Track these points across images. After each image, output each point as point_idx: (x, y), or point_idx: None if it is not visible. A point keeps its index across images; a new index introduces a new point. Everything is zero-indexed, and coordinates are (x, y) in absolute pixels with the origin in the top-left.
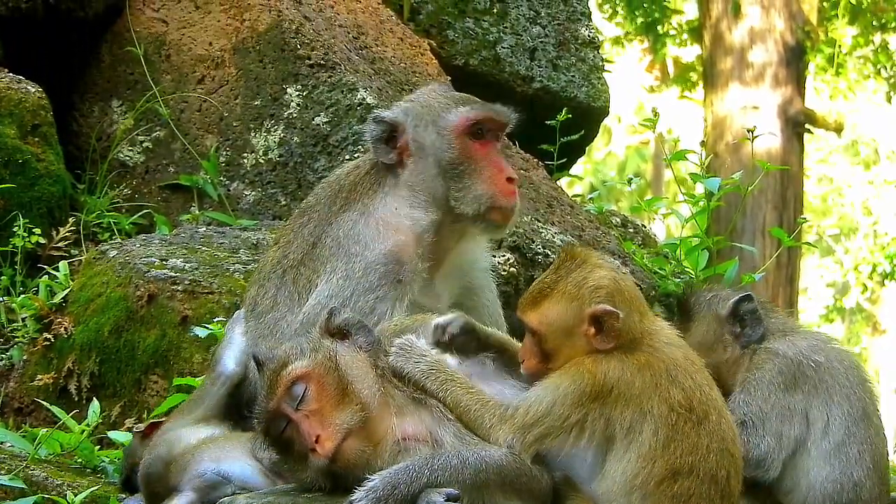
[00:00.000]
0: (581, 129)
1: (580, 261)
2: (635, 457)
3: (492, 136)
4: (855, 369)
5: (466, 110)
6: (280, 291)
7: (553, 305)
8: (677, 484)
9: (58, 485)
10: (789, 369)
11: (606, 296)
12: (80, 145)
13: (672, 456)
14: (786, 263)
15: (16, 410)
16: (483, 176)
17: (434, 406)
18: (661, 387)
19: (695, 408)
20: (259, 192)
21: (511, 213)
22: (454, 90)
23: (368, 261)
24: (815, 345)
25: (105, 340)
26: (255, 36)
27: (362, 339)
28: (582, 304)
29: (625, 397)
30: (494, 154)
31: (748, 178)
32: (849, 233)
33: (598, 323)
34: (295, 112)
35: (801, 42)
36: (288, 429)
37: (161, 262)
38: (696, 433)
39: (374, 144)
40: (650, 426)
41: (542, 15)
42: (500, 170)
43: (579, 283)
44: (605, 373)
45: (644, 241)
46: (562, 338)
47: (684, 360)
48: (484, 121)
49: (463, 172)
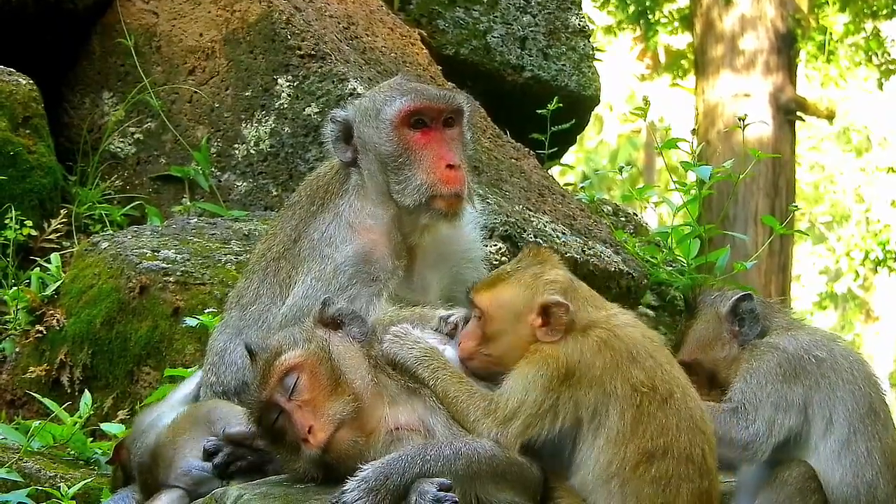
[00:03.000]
0: (572, 117)
1: (542, 259)
2: (604, 442)
3: (436, 124)
4: (860, 365)
5: (401, 101)
6: (263, 284)
7: (506, 289)
8: (654, 467)
9: (51, 476)
10: (790, 363)
11: (560, 289)
12: (71, 137)
13: (642, 439)
14: (778, 251)
15: (8, 403)
16: (422, 165)
17: (427, 395)
18: (622, 367)
19: (657, 387)
20: (250, 183)
21: (456, 200)
22: (412, 80)
23: (338, 262)
24: (818, 341)
25: (97, 332)
26: (246, 27)
27: (355, 330)
28: (535, 293)
29: (587, 378)
30: (436, 142)
31: (740, 165)
32: (841, 220)
33: (546, 314)
34: (286, 102)
35: (793, 29)
36: (280, 419)
37: (153, 253)
38: (662, 413)
39: (333, 144)
40: (615, 408)
41: (532, 4)
42: (439, 157)
43: (536, 275)
44: (566, 354)
45: (636, 229)
46: (507, 323)
47: (643, 339)
48: (421, 110)
49: (402, 164)
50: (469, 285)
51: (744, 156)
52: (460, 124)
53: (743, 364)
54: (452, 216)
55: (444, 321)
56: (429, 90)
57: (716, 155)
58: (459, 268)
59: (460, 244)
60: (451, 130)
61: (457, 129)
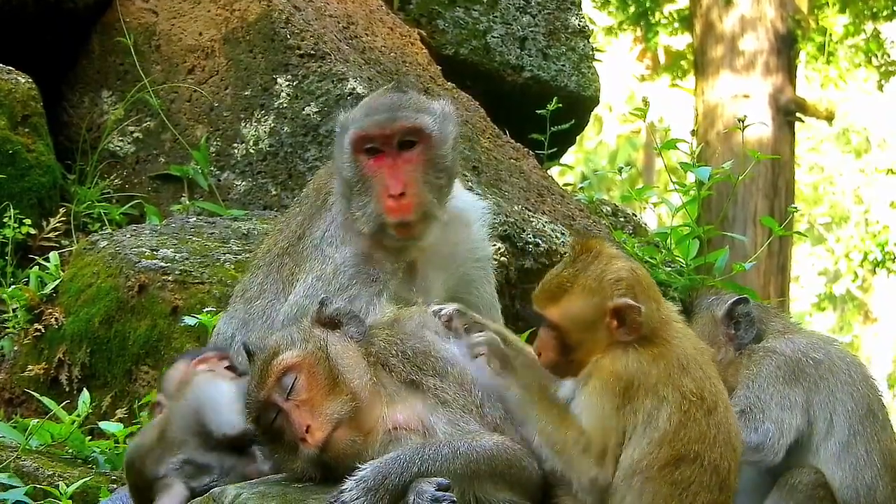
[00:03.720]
0: (571, 118)
1: (596, 252)
2: (647, 442)
3: (388, 149)
4: (857, 366)
5: (354, 127)
6: (268, 279)
7: (574, 300)
8: (679, 470)
9: (49, 475)
10: (788, 365)
11: (627, 288)
12: (70, 136)
13: (680, 442)
14: (777, 252)
15: (7, 401)
16: (373, 194)
17: (427, 392)
18: (674, 376)
19: (705, 397)
20: (249, 182)
21: (408, 227)
22: (389, 95)
23: (338, 263)
24: (814, 343)
25: (96, 331)
26: (245, 26)
27: (353, 330)
28: (604, 297)
29: (644, 387)
30: (386, 168)
31: (739, 166)
32: (840, 221)
33: (620, 316)
34: (285, 102)
35: (792, 30)
36: (278, 419)
37: (151, 252)
38: (705, 422)
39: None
40: (665, 412)
41: (531, 4)
42: (385, 187)
43: (599, 277)
44: (626, 367)
45: (635, 230)
46: (584, 332)
47: (694, 351)
48: (371, 136)
49: (359, 192)
50: (532, 297)
51: (743, 157)
52: (424, 143)
53: (742, 370)
54: (410, 239)
55: (437, 315)
56: (378, 114)
57: (715, 156)
58: (466, 268)
59: (467, 244)
60: (409, 153)
61: (417, 149)
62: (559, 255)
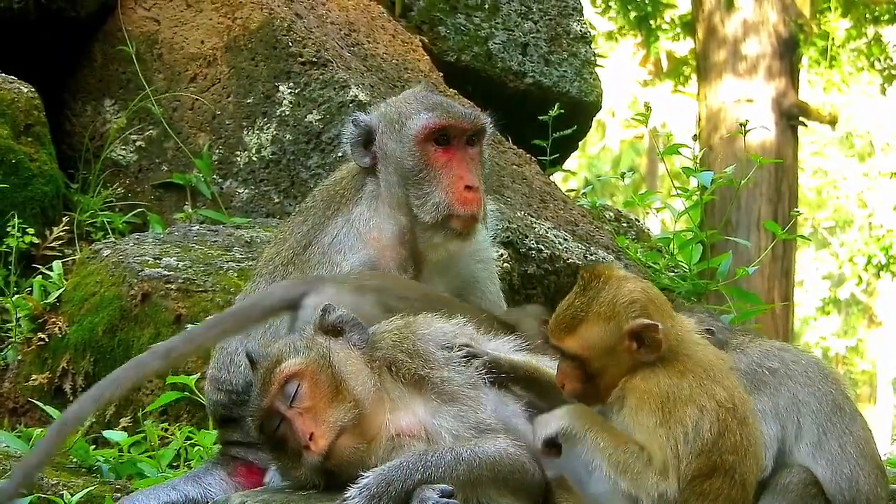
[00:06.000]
0: (573, 123)
1: (605, 278)
2: (689, 450)
3: (458, 143)
4: (815, 366)
5: (427, 117)
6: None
7: (590, 328)
8: (709, 481)
9: (53, 484)
10: (747, 377)
11: (641, 309)
12: (73, 145)
13: (718, 452)
14: (781, 256)
15: (10, 411)
16: (442, 184)
17: (430, 396)
18: (705, 385)
19: (737, 405)
20: (252, 190)
21: (471, 221)
22: (435, 93)
23: (344, 270)
24: (768, 352)
25: (99, 340)
26: (247, 34)
27: (356, 337)
28: (620, 321)
29: (681, 399)
30: (457, 161)
31: (742, 171)
32: (844, 225)
33: (638, 338)
34: (287, 110)
35: (795, 34)
36: (281, 426)
37: (155, 260)
38: (739, 432)
39: (352, 148)
40: (706, 422)
41: (533, 10)
42: (459, 178)
43: (612, 302)
44: (658, 384)
45: (638, 235)
46: (605, 358)
47: (717, 360)
48: (446, 127)
49: (422, 180)
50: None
51: (746, 161)
52: (481, 144)
53: None
54: (466, 236)
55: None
56: (455, 108)
57: (718, 160)
58: (470, 268)
59: (471, 244)
60: (473, 150)
61: (477, 148)
62: (562, 261)
